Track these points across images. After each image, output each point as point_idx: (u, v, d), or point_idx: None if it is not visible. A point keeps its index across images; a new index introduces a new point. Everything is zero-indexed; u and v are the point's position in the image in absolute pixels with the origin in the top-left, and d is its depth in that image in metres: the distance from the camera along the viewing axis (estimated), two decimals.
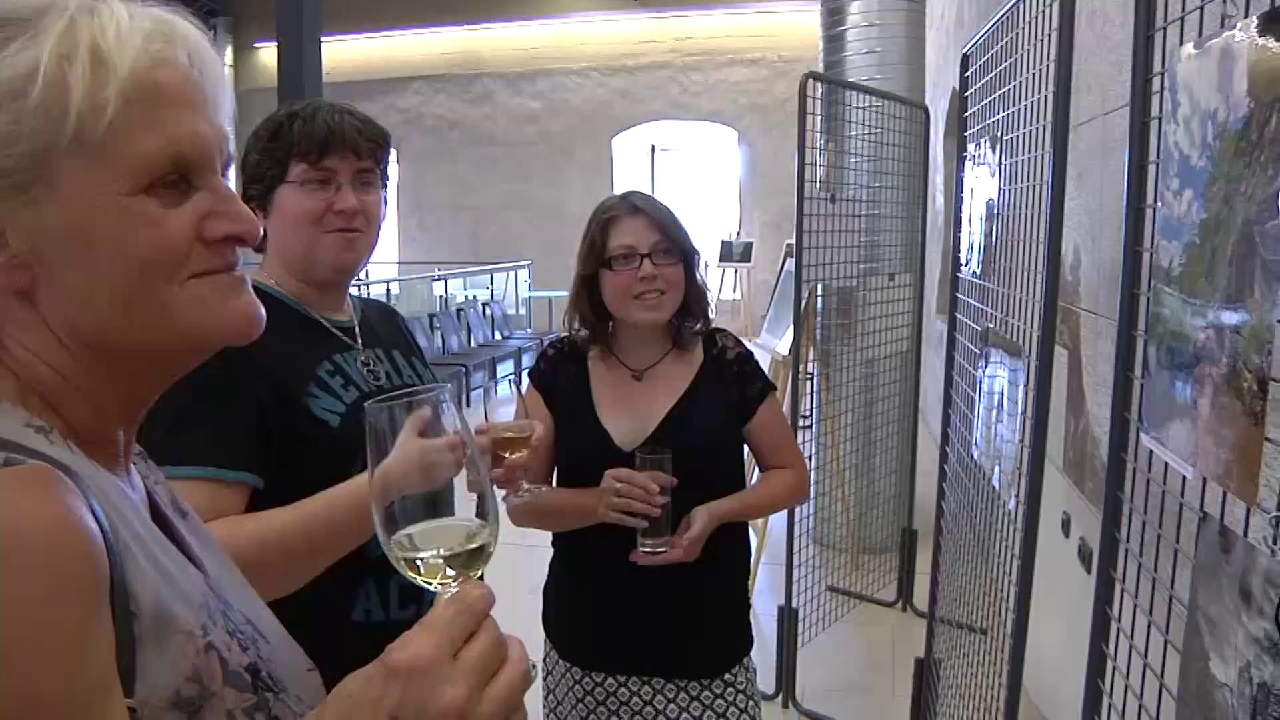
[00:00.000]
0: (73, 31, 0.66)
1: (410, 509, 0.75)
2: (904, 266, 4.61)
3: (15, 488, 0.59)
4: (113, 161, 0.67)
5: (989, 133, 2.48)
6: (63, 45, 0.65)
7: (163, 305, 0.69)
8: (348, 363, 1.51)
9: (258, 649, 0.74)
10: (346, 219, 1.47)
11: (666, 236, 1.87)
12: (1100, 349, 2.76)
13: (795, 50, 13.88)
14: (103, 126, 0.66)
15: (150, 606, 0.64)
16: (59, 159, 0.66)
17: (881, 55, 4.78)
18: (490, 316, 11.78)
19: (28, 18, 0.66)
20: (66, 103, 0.65)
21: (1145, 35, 1.44)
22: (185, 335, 0.72)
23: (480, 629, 0.67)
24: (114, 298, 0.68)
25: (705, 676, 1.93)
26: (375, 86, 15.47)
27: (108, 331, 0.69)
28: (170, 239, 0.69)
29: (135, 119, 0.67)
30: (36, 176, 0.66)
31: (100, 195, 0.67)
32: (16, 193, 0.66)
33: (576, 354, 2.00)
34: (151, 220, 0.68)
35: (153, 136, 0.68)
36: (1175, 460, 1.25)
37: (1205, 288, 1.16)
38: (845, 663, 3.97)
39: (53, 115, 0.65)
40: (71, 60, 0.65)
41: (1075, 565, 2.83)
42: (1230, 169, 1.10)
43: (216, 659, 0.67)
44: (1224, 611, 1.10)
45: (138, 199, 0.68)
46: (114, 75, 0.66)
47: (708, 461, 1.90)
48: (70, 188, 0.66)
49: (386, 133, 1.55)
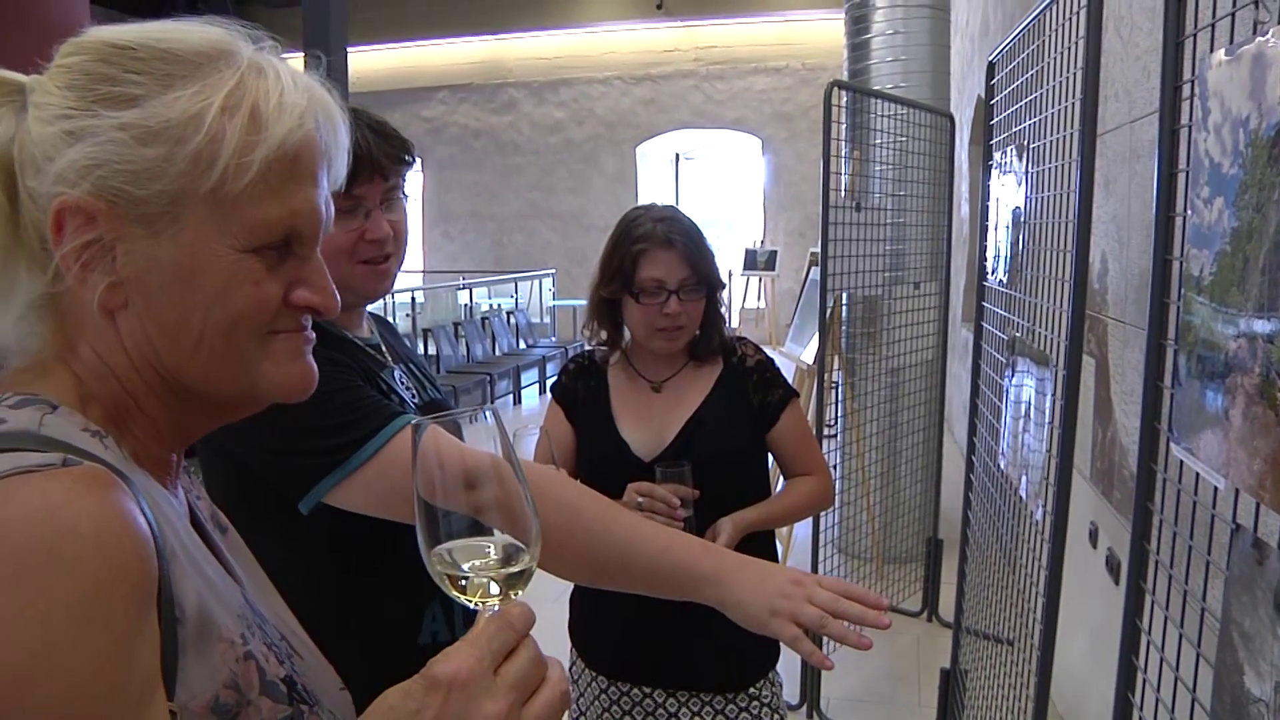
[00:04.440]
0: (240, 89, 0.70)
1: (455, 522, 0.74)
2: (929, 275, 4.59)
3: (72, 487, 0.60)
4: (237, 218, 0.70)
5: (1015, 140, 2.47)
6: (230, 100, 0.69)
7: (240, 355, 0.72)
8: (392, 381, 1.46)
9: (293, 663, 0.75)
10: (379, 248, 1.41)
11: (695, 271, 1.87)
12: (1128, 358, 2.74)
13: (819, 58, 13.87)
14: (241, 186, 0.69)
15: (194, 612, 0.65)
16: (191, 203, 0.68)
17: (906, 63, 4.76)
18: (514, 325, 11.81)
19: (197, 62, 0.70)
20: (217, 156, 0.68)
21: (1175, 42, 1.42)
22: (250, 385, 0.74)
23: (520, 646, 0.67)
24: (200, 339, 0.71)
25: (730, 690, 1.92)
26: (400, 96, 15.56)
27: (183, 366, 0.72)
28: (266, 299, 0.72)
29: (268, 185, 0.70)
30: (164, 212, 0.68)
31: (218, 245, 0.69)
32: (142, 223, 0.68)
33: (596, 367, 2.02)
34: (254, 279, 0.71)
35: (277, 206, 0.71)
36: (1207, 471, 1.23)
37: (1237, 296, 1.15)
38: (870, 673, 3.94)
39: (201, 164, 0.68)
40: (233, 117, 0.68)
41: (1103, 576, 2.80)
42: (1263, 176, 1.09)
43: (255, 668, 0.68)
44: (1259, 625, 1.08)
45: (247, 256, 0.71)
46: (265, 141, 0.69)
47: (728, 470, 1.90)
48: (192, 231, 0.69)
49: (411, 145, 1.49)
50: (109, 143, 0.67)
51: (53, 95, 0.68)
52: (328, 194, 0.77)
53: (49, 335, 0.72)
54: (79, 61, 0.69)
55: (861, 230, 3.96)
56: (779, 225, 14.65)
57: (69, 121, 0.67)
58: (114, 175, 0.67)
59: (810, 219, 13.47)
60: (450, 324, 10.25)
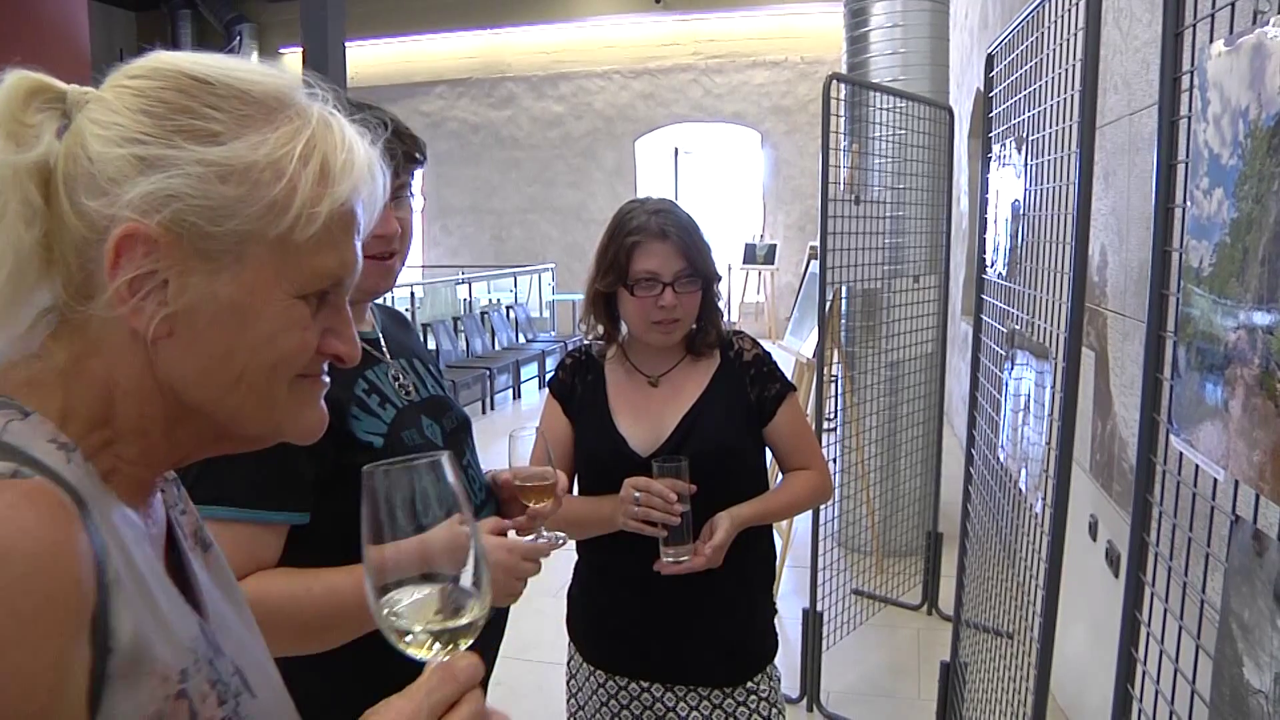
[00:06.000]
0: (314, 140, 0.72)
1: (405, 568, 0.75)
2: (928, 268, 4.59)
3: (17, 502, 0.59)
4: (296, 265, 0.71)
5: (1014, 133, 2.47)
6: (306, 150, 0.71)
7: (273, 395, 0.74)
8: (380, 378, 1.46)
9: (238, 703, 0.73)
10: (386, 244, 1.42)
11: (690, 264, 1.86)
12: (1127, 350, 2.74)
13: (818, 52, 13.84)
14: (306, 235, 0.71)
15: (129, 643, 0.62)
16: (259, 246, 0.70)
17: (905, 56, 4.75)
18: (514, 319, 11.80)
19: (272, 106, 0.71)
20: (291, 204, 0.70)
21: (1174, 33, 1.42)
22: (275, 425, 0.76)
23: (463, 700, 0.68)
24: (241, 376, 0.72)
25: (727, 684, 1.92)
26: (399, 90, 15.54)
27: (215, 400, 0.72)
28: (308, 344, 0.74)
29: (329, 236, 0.72)
30: (229, 250, 0.69)
31: (275, 289, 0.71)
32: (205, 260, 0.69)
33: (594, 362, 2.01)
34: (303, 325, 0.73)
35: (333, 256, 0.73)
36: (1206, 463, 1.23)
37: (1236, 288, 1.15)
38: (870, 666, 3.95)
39: (275, 210, 0.69)
40: (306, 166, 0.70)
41: (1102, 568, 2.80)
42: (1263, 167, 1.08)
43: (186, 708, 0.66)
44: (1258, 616, 1.08)
45: (299, 303, 0.72)
46: (331, 194, 0.71)
47: (726, 465, 1.89)
48: (253, 273, 0.70)
49: (421, 142, 1.48)
50: (190, 176, 0.67)
51: (121, 116, 0.67)
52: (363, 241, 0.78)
53: (52, 345, 0.70)
54: (152, 87, 0.69)
55: (861, 224, 3.96)
56: (778, 219, 14.64)
57: (142, 148, 0.67)
58: (190, 210, 0.67)
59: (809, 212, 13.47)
60: (449, 319, 10.23)
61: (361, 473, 0.76)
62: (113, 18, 15.78)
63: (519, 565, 1.36)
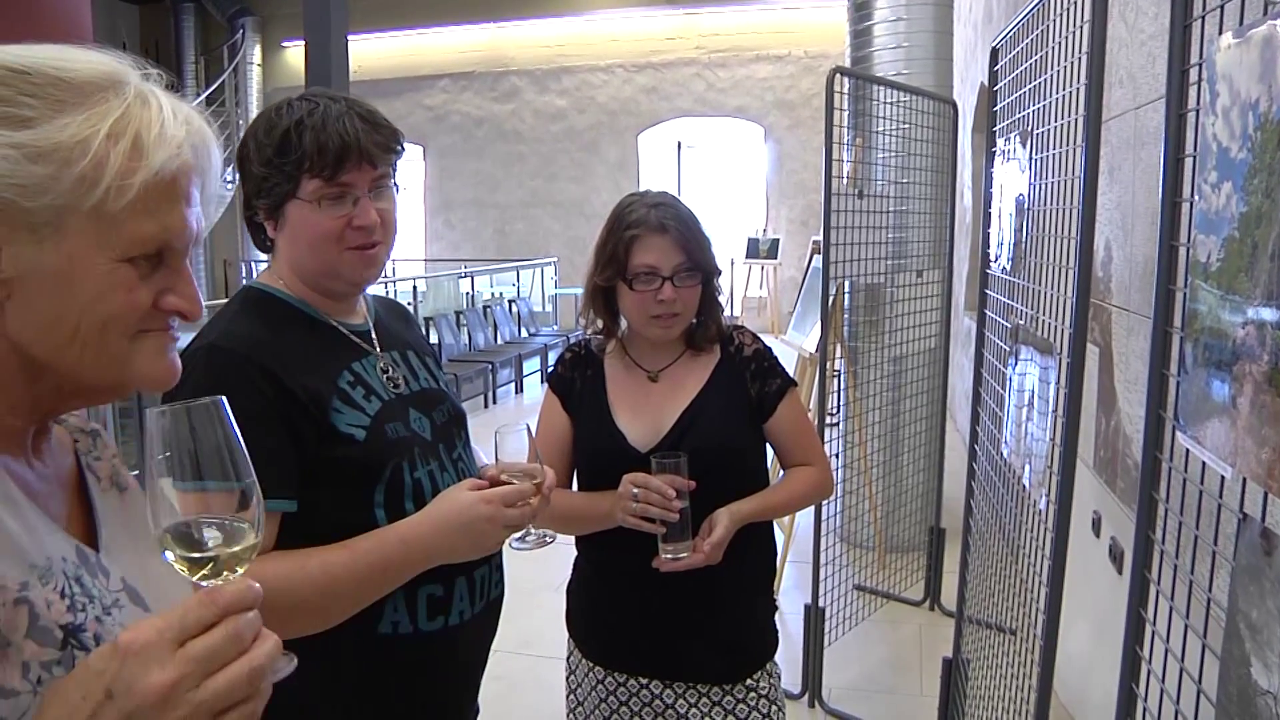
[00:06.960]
0: (125, 118, 0.78)
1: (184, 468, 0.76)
2: (932, 263, 4.57)
3: None
4: (115, 232, 0.78)
5: (1019, 127, 2.45)
6: (115, 128, 0.77)
7: (111, 350, 0.82)
8: (367, 370, 1.46)
9: (107, 611, 0.79)
10: (366, 234, 1.42)
11: (689, 257, 1.85)
12: (1132, 346, 2.73)
13: (822, 46, 13.82)
14: (120, 205, 0.77)
15: None
16: (74, 217, 0.77)
17: (909, 50, 4.73)
18: (516, 313, 11.80)
19: (88, 90, 0.78)
20: (100, 178, 0.76)
21: (1182, 25, 1.41)
22: (118, 377, 0.84)
23: (221, 623, 0.70)
24: (74, 335, 0.79)
25: (727, 681, 1.91)
26: (402, 84, 15.55)
27: (57, 358, 0.80)
28: (137, 304, 0.81)
29: (145, 205, 0.79)
30: (49, 223, 0.76)
31: (95, 255, 0.78)
32: (28, 231, 0.76)
33: (593, 357, 2.00)
34: (128, 286, 0.80)
35: (152, 223, 0.80)
36: (1213, 460, 1.22)
37: (1245, 283, 1.13)
38: (872, 662, 3.94)
39: (85, 184, 0.76)
40: (117, 143, 0.77)
41: (1106, 565, 2.79)
42: (1273, 160, 1.07)
43: (26, 612, 0.73)
44: (1267, 616, 1.07)
45: (123, 265, 0.80)
46: (145, 167, 0.78)
47: (725, 460, 1.88)
48: (73, 241, 0.77)
49: (400, 134, 1.48)
50: (4, 160, 0.74)
51: None
52: (199, 211, 0.85)
53: None
54: None
55: (864, 218, 3.94)
56: (781, 213, 14.63)
57: None
58: (5, 188, 0.74)
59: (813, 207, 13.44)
60: (452, 312, 10.23)
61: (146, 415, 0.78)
62: (116, 11, 15.78)
63: (500, 512, 1.36)
